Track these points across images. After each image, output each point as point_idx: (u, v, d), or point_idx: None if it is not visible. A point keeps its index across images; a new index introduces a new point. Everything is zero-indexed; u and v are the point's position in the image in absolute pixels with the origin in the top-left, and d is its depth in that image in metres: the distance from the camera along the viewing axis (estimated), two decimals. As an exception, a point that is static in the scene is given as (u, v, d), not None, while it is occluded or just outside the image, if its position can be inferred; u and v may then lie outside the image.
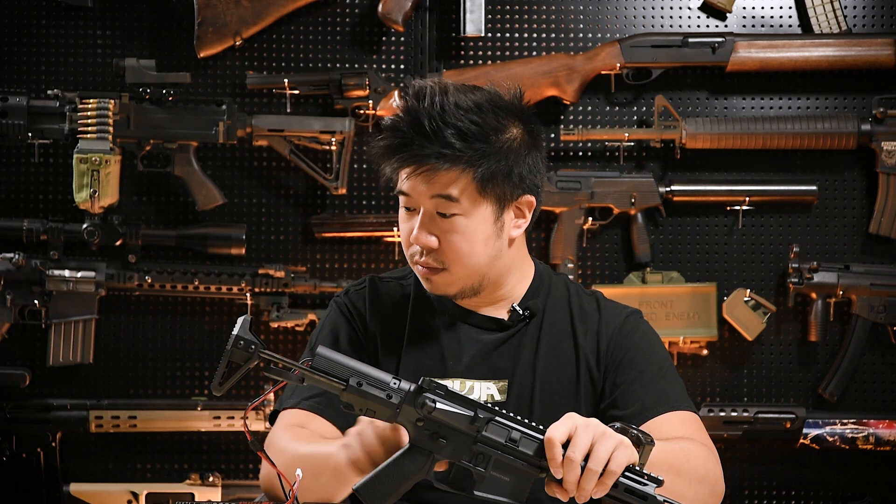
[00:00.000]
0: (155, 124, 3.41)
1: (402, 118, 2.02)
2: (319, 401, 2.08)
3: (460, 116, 2.00)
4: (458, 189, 2.02)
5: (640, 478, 1.77)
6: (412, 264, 2.11)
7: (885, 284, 3.47)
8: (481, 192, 2.03)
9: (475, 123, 2.01)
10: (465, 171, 2.01)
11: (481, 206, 2.04)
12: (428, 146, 2.00)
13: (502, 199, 2.06)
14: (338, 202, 3.54)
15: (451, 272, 2.07)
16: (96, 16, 3.53)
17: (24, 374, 3.48)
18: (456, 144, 2.00)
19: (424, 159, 2.00)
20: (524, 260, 2.18)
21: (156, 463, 3.58)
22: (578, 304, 2.18)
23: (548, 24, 3.56)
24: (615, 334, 2.14)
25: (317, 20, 3.55)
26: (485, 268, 2.09)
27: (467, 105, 2.02)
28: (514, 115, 2.08)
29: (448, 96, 2.01)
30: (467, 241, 2.05)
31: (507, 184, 2.05)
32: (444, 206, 2.03)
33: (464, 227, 2.04)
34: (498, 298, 2.15)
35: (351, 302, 2.19)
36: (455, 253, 2.05)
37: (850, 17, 3.52)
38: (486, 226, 2.06)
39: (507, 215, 2.08)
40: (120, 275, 3.46)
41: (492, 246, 2.08)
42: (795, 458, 3.55)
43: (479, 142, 2.01)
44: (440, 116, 2.00)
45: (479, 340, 2.14)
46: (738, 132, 3.45)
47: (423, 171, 2.01)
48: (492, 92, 2.08)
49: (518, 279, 2.16)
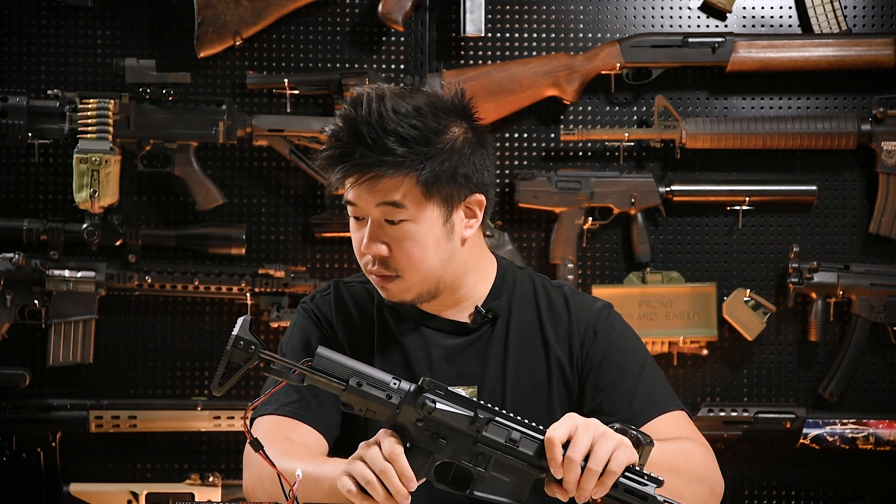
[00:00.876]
0: (155, 124, 3.41)
1: (341, 128, 2.00)
2: (298, 405, 2.07)
3: (399, 121, 1.98)
4: (402, 194, 2.00)
5: (640, 478, 1.77)
6: (366, 272, 2.09)
7: (885, 284, 3.47)
8: (426, 196, 2.01)
9: (414, 127, 1.99)
10: (408, 176, 1.99)
11: (427, 209, 2.02)
12: (369, 154, 1.97)
13: (449, 201, 2.03)
14: (338, 202, 3.54)
15: (404, 279, 2.05)
16: (96, 16, 3.53)
17: (24, 374, 3.47)
18: (396, 150, 1.97)
19: (366, 168, 1.98)
20: (482, 258, 2.15)
21: (156, 463, 3.58)
22: (546, 299, 2.16)
23: (548, 24, 3.56)
24: (588, 333, 2.12)
25: (317, 20, 3.55)
26: (439, 271, 2.06)
27: (405, 110, 1.99)
28: (455, 115, 2.05)
29: (385, 102, 1.99)
30: (417, 245, 2.03)
31: (453, 184, 2.03)
32: (391, 213, 2.01)
33: (413, 233, 2.02)
34: (459, 300, 2.12)
35: (317, 307, 2.17)
36: (407, 259, 2.03)
37: (850, 17, 3.52)
38: (435, 229, 2.03)
39: (456, 216, 2.05)
40: (120, 275, 3.46)
41: (443, 248, 2.05)
42: (795, 458, 3.55)
43: (420, 145, 1.99)
44: (378, 123, 1.97)
45: (444, 345, 2.11)
46: (738, 132, 3.45)
47: (365, 179, 1.99)
48: (431, 94, 2.05)
49: (478, 279, 2.13)
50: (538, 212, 3.50)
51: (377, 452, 1.75)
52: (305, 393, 2.06)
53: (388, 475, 1.73)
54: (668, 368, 3.47)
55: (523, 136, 3.55)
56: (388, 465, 1.74)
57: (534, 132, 3.55)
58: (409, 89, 2.06)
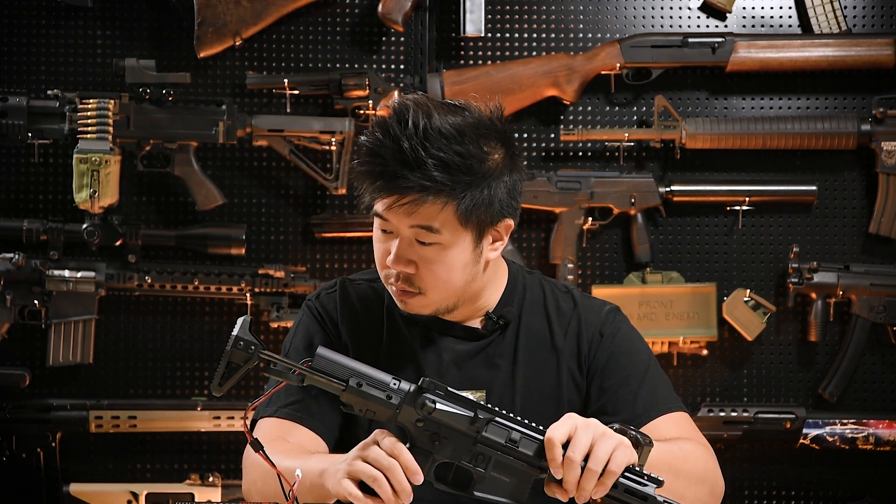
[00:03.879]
0: (155, 124, 3.41)
1: (382, 142, 1.96)
2: (297, 407, 2.06)
3: (443, 146, 1.93)
4: (440, 222, 1.97)
5: (639, 478, 1.78)
6: (386, 283, 2.06)
7: (885, 284, 3.47)
8: (463, 224, 1.98)
9: (458, 154, 1.94)
10: (447, 204, 1.96)
11: (462, 235, 2.00)
12: (410, 177, 1.93)
13: (482, 227, 2.01)
14: (338, 202, 3.54)
15: (427, 296, 2.03)
16: (96, 16, 3.53)
17: (24, 374, 3.48)
18: (437, 178, 1.93)
19: (407, 191, 1.94)
20: (498, 270, 2.14)
21: (156, 463, 3.59)
22: (555, 304, 2.15)
23: (548, 24, 3.56)
24: (595, 335, 2.12)
25: (317, 20, 3.55)
26: (461, 290, 2.05)
27: (450, 133, 1.94)
28: (496, 139, 2.01)
29: (432, 121, 1.94)
30: (446, 268, 2.01)
31: (489, 212, 2.00)
32: (424, 236, 1.98)
33: (443, 256, 2.00)
34: (473, 312, 2.12)
35: (322, 306, 2.16)
36: (433, 279, 2.01)
37: (850, 17, 3.52)
38: (465, 254, 2.01)
39: (485, 241, 2.04)
40: (120, 275, 3.46)
41: (469, 271, 2.04)
42: (795, 458, 3.55)
43: (463, 174, 1.95)
44: (422, 146, 1.93)
45: (453, 350, 2.11)
46: (738, 132, 3.45)
47: (404, 202, 1.96)
48: (474, 112, 2.00)
49: (493, 290, 2.13)
50: (538, 212, 3.50)
51: (379, 450, 1.75)
52: (305, 395, 2.06)
53: (394, 471, 1.73)
54: (668, 368, 3.46)
55: (523, 136, 3.55)
56: (393, 461, 1.74)
57: (534, 132, 3.55)
58: (452, 105, 2.00)
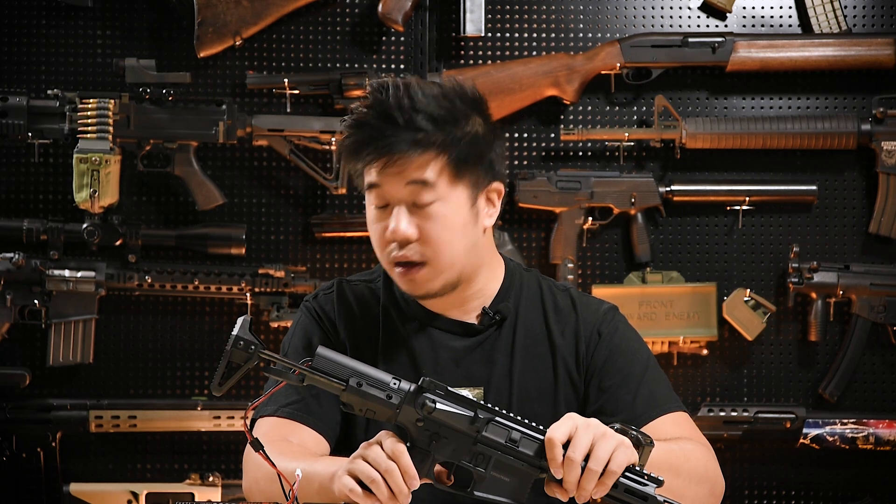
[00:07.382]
0: (155, 124, 3.41)
1: (367, 112, 2.01)
2: (298, 407, 2.06)
3: (429, 102, 2.00)
4: (434, 173, 2.00)
5: (640, 478, 1.77)
6: (389, 265, 2.06)
7: (885, 284, 3.47)
8: (456, 176, 2.02)
9: (443, 108, 2.01)
10: (439, 155, 2.00)
11: (457, 189, 2.02)
12: (400, 134, 1.98)
13: (475, 185, 2.05)
14: (338, 202, 3.54)
15: (432, 265, 2.03)
16: (96, 16, 3.53)
17: (24, 374, 3.47)
18: (428, 128, 1.99)
19: (397, 146, 1.98)
20: (494, 257, 2.15)
21: (156, 463, 3.59)
22: (553, 302, 2.16)
23: (548, 24, 3.56)
24: (593, 335, 2.12)
25: (317, 20, 3.55)
26: (463, 258, 2.05)
27: (434, 93, 2.02)
28: (475, 107, 2.07)
29: (412, 86, 2.01)
30: (446, 228, 2.02)
31: (481, 168, 2.05)
32: (420, 194, 2.00)
33: (442, 214, 2.01)
34: (468, 298, 2.12)
35: (320, 307, 2.16)
36: (436, 241, 2.02)
37: (850, 17, 3.52)
38: (462, 211, 2.03)
39: (480, 201, 2.06)
40: (120, 275, 3.46)
41: (469, 234, 2.05)
42: (795, 458, 3.55)
43: (450, 125, 2.01)
44: (410, 104, 1.99)
45: (450, 346, 2.11)
46: (738, 132, 3.45)
47: (397, 159, 1.99)
48: (452, 83, 2.07)
49: (488, 278, 2.13)
50: (538, 212, 3.50)
51: (380, 451, 1.75)
52: (305, 394, 2.06)
53: (393, 474, 1.73)
54: (668, 368, 3.46)
55: (523, 136, 3.55)
56: (392, 464, 1.74)
57: (534, 132, 3.55)
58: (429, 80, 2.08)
